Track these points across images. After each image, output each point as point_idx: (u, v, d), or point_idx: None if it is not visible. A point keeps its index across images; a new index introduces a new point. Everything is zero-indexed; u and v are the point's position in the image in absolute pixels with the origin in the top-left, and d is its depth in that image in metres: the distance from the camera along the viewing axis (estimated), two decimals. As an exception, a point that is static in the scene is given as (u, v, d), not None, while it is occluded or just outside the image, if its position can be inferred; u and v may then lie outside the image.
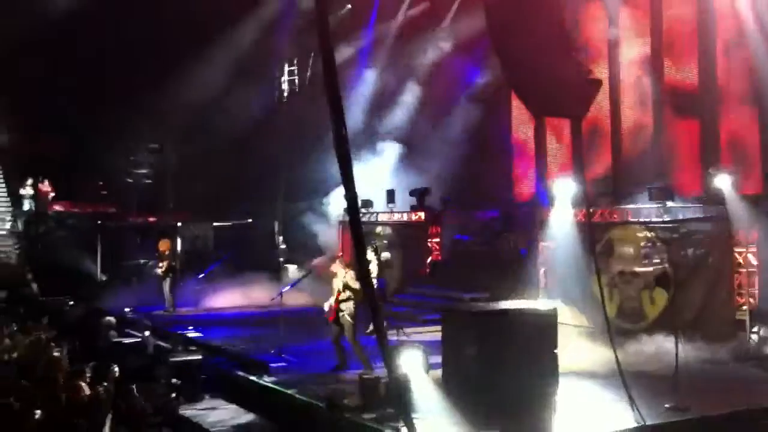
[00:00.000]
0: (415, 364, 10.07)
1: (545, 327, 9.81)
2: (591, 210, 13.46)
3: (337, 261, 12.62)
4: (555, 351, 9.61)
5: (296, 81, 27.05)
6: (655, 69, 17.74)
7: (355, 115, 21.90)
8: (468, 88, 22.10)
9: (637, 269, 14.85)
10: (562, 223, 15.80)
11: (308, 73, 26.22)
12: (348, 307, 11.95)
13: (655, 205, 14.72)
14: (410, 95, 23.85)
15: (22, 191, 24.19)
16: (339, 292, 12.01)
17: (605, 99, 18.37)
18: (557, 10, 9.91)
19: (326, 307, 12.30)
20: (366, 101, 24.13)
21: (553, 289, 16.11)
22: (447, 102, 22.94)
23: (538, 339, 9.60)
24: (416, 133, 23.28)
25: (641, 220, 15.10)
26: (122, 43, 23.47)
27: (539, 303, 13.93)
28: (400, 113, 23.90)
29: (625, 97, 18.62)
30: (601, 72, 18.13)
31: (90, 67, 23.26)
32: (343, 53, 24.09)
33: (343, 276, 12.04)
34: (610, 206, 15.82)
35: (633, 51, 18.34)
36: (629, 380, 9.39)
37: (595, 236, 13.73)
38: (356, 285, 11.84)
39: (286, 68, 27.27)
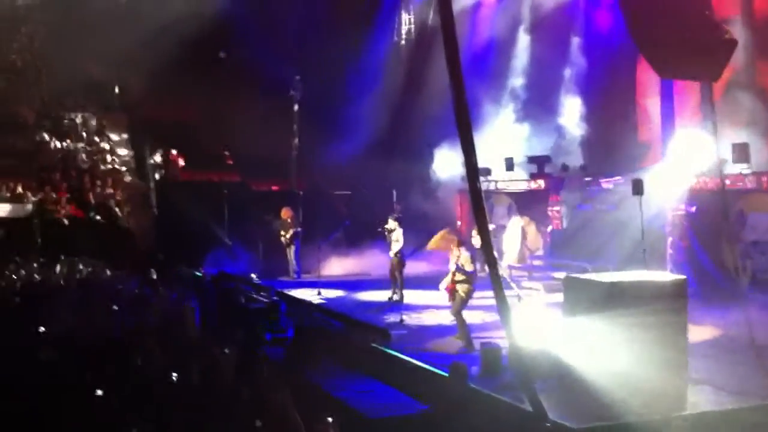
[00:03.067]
0: (537, 333, 9.97)
1: (673, 297, 9.49)
2: (723, 177, 12.85)
3: (452, 241, 12.46)
4: (685, 320, 9.30)
5: (412, 31, 26.59)
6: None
7: (473, 74, 21.51)
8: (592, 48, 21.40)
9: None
10: (692, 190, 15.21)
11: (429, 22, 25.75)
12: (463, 288, 11.91)
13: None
14: (530, 56, 23.29)
15: (152, 160, 25.23)
16: (454, 273, 11.94)
17: (738, 59, 17.37)
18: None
19: (442, 286, 12.28)
20: (486, 60, 23.74)
21: (682, 259, 15.58)
22: (567, 64, 22.32)
23: (665, 310, 9.30)
24: (536, 97, 22.79)
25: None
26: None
27: (666, 273, 13.50)
28: (520, 74, 23.41)
29: (759, 57, 17.58)
30: (735, 30, 17.14)
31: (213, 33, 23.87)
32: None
33: (458, 258, 11.93)
34: (743, 173, 15.07)
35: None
36: (764, 354, 8.99)
37: (728, 204, 13.11)
38: (471, 267, 11.79)
39: (404, 17, 26.84)
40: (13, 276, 15.57)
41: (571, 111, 21.63)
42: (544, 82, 22.47)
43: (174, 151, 25.16)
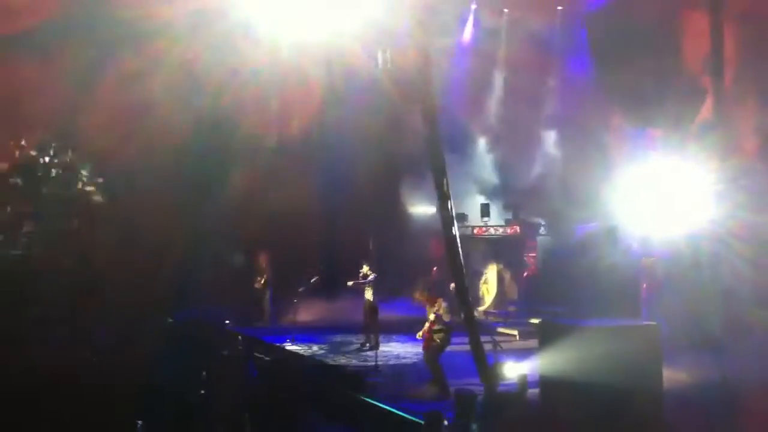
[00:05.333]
0: (512, 379, 9.92)
1: (647, 342, 9.52)
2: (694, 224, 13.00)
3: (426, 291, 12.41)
4: (659, 368, 9.32)
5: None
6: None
7: (448, 116, 21.61)
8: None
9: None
10: (665, 237, 15.34)
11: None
12: (439, 336, 11.83)
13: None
14: (504, 99, 23.51)
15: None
16: (432, 323, 11.87)
17: (707, 107, 17.68)
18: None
19: (419, 336, 12.19)
20: (460, 100, 23.91)
21: (655, 305, 15.65)
22: (543, 106, 22.62)
23: (639, 355, 9.32)
24: (512, 145, 22.99)
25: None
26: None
27: (640, 318, 13.56)
28: (495, 119, 23.61)
29: (729, 103, 17.89)
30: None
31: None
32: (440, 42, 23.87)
33: (436, 309, 11.85)
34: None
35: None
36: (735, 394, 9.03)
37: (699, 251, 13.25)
38: (449, 318, 11.73)
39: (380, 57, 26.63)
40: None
41: (547, 154, 21.85)
42: (521, 123, 22.67)
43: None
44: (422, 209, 22.53)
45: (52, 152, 26.62)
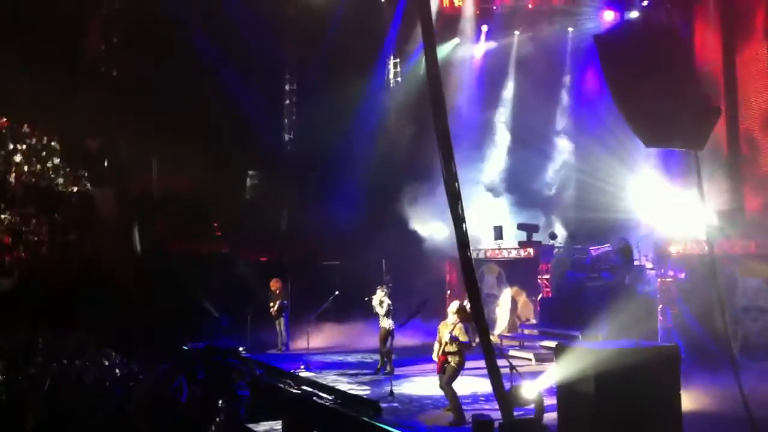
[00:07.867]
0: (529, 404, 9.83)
1: (666, 364, 9.41)
2: (712, 243, 12.88)
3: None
4: (678, 389, 9.20)
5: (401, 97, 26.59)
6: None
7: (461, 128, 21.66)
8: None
9: (763, 305, 14.14)
10: (681, 256, 15.24)
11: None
12: (454, 359, 11.73)
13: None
14: (517, 113, 23.67)
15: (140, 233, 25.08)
16: (446, 344, 11.77)
17: (721, 126, 17.59)
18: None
19: (434, 356, 12.11)
20: (472, 113, 24.03)
21: (671, 326, 15.51)
22: (556, 122, 22.72)
23: (658, 377, 9.22)
24: (525, 159, 23.03)
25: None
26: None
27: (657, 339, 13.45)
28: (508, 132, 23.76)
29: (745, 122, 17.82)
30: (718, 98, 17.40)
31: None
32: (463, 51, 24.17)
33: (452, 329, 11.78)
34: (733, 239, 15.14)
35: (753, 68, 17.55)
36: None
37: (719, 270, 13.10)
38: (465, 338, 11.63)
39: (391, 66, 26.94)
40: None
41: (564, 165, 21.96)
42: (533, 139, 22.74)
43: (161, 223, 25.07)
44: (435, 232, 22.45)
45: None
